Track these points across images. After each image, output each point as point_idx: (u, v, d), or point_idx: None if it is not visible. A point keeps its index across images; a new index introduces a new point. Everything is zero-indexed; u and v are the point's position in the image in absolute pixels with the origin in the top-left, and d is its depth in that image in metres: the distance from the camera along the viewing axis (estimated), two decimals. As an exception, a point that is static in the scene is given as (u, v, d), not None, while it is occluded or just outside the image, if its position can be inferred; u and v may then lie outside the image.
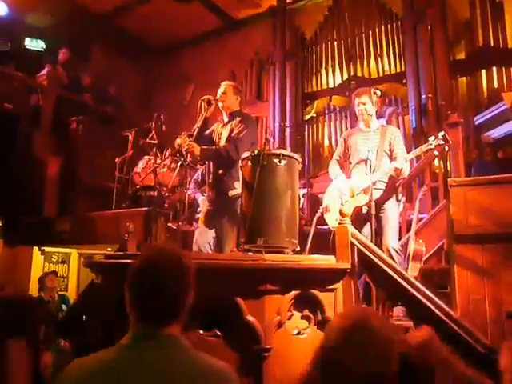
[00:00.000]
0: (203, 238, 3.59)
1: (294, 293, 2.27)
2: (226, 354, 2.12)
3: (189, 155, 3.47)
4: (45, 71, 6.93)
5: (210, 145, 3.64)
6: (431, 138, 3.43)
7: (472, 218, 3.12)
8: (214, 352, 1.44)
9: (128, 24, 8.32)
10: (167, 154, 5.57)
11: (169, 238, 4.70)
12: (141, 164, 5.70)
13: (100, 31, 8.14)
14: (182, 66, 8.83)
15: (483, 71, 5.99)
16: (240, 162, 2.86)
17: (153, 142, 5.89)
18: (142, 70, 9.01)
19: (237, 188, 3.39)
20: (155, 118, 5.99)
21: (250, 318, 2.18)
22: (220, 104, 3.72)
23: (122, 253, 2.84)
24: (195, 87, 8.37)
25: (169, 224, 4.88)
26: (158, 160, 5.59)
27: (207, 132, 3.75)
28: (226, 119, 3.77)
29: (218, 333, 2.28)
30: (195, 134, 3.51)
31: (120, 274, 1.43)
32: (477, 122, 4.57)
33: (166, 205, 5.15)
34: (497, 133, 4.26)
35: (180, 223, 4.24)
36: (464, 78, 6.21)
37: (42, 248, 6.36)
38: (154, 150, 5.86)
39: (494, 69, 5.93)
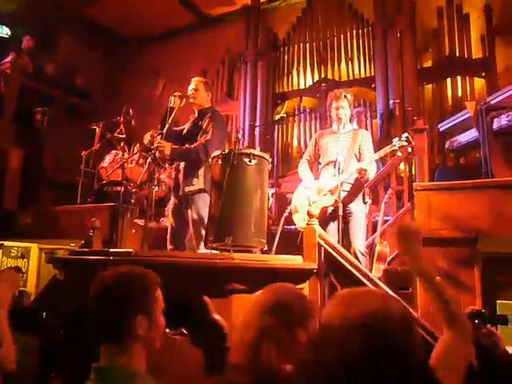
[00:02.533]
0: (175, 235, 3.57)
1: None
2: (191, 354, 2.11)
3: (158, 153, 3.44)
4: (9, 58, 6.70)
5: (179, 142, 3.61)
6: (395, 140, 3.51)
7: (434, 222, 3.22)
8: (181, 350, 1.44)
9: (99, 14, 8.12)
10: (135, 149, 5.49)
11: (135, 234, 4.63)
12: (108, 158, 5.59)
13: (69, 20, 7.92)
14: (153, 60, 8.71)
15: (448, 80, 6.18)
16: (210, 160, 2.85)
17: (121, 136, 5.79)
18: (112, 62, 8.84)
19: (194, 185, 3.40)
20: (124, 112, 5.88)
21: (216, 316, 2.18)
22: (191, 100, 3.68)
23: (86, 249, 2.78)
24: (166, 82, 8.28)
25: (135, 220, 4.81)
26: (126, 155, 5.50)
27: (178, 129, 3.72)
28: (196, 115, 3.74)
29: (185, 331, 2.27)
30: (165, 131, 3.47)
31: (84, 270, 1.41)
32: (441, 129, 4.71)
33: (132, 201, 5.07)
34: (459, 140, 4.40)
35: (147, 219, 4.19)
36: (430, 86, 6.39)
37: (0, 242, 6.15)
38: (122, 144, 5.76)
39: (459, 78, 6.13)
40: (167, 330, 2.31)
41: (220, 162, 2.69)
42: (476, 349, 2.15)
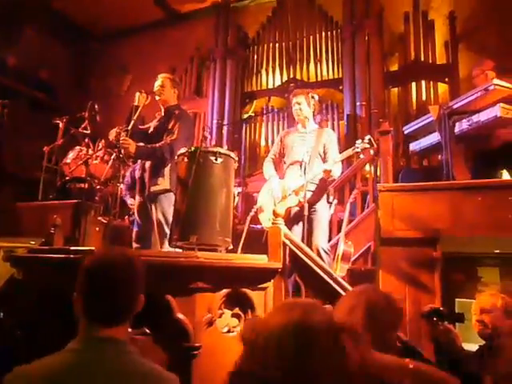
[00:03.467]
0: (141, 232, 3.52)
1: (225, 291, 2.28)
2: (154, 353, 2.09)
3: (123, 150, 3.38)
4: (-33, 49, 6.44)
5: (145, 140, 3.56)
6: (358, 142, 3.56)
7: (397, 222, 3.28)
8: (143, 351, 1.41)
9: (66, 8, 7.92)
10: (100, 145, 5.37)
11: (99, 232, 4.54)
12: (71, 154, 5.45)
13: (34, 12, 7.67)
14: (120, 55, 8.55)
15: (413, 84, 6.32)
16: (176, 157, 2.82)
17: (85, 132, 5.65)
18: (78, 55, 8.63)
19: (159, 185, 3.37)
20: (89, 107, 5.74)
21: (180, 315, 2.16)
22: (157, 97, 3.64)
23: (47, 247, 2.70)
24: (133, 78, 8.15)
25: (99, 218, 4.72)
26: (90, 151, 5.38)
27: (143, 127, 3.66)
28: (162, 113, 3.70)
29: (147, 331, 2.24)
30: (130, 128, 3.41)
31: (44, 269, 1.37)
32: (406, 132, 4.80)
33: (96, 198, 4.97)
34: (423, 143, 4.50)
35: (111, 217, 4.12)
36: (396, 89, 6.52)
37: (-46, 239, 5.90)
38: (87, 140, 5.63)
39: (423, 82, 6.29)
40: (129, 330, 2.28)
41: (186, 159, 2.66)
42: (434, 346, 2.21)
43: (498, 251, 4.44)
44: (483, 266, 4.89)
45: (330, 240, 4.02)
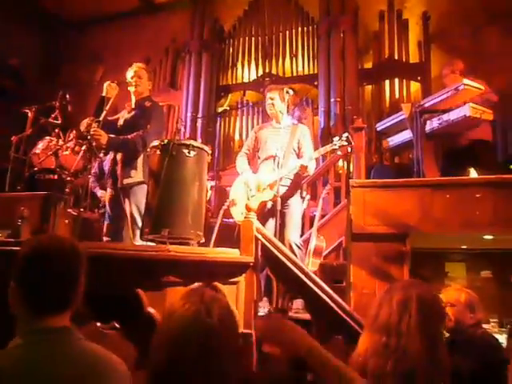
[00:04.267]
0: (112, 225, 3.47)
1: (196, 285, 2.27)
2: (124, 347, 2.06)
3: (94, 142, 3.31)
4: None
5: (116, 132, 3.50)
6: (335, 139, 3.60)
7: (369, 218, 3.33)
8: (112, 345, 1.40)
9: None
10: (71, 136, 5.25)
11: (68, 224, 4.45)
12: (41, 145, 5.30)
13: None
14: (93, 44, 8.37)
15: (387, 81, 6.41)
16: (148, 150, 2.79)
17: (56, 122, 5.51)
18: (50, 43, 8.40)
19: (133, 177, 3.33)
20: (60, 97, 5.60)
21: (150, 309, 2.14)
22: (131, 88, 3.57)
23: (12, 239, 2.63)
24: (106, 68, 7.99)
25: (69, 210, 4.61)
26: (61, 142, 5.25)
27: (113, 118, 3.59)
28: (133, 105, 3.62)
29: (117, 325, 2.22)
30: (102, 119, 3.34)
31: (9, 262, 1.32)
32: (378, 129, 4.86)
33: (66, 190, 4.86)
34: (395, 140, 4.57)
35: (81, 209, 4.03)
36: (370, 86, 6.60)
37: None
38: (57, 130, 5.49)
39: (397, 80, 6.38)
40: (98, 324, 2.24)
41: (158, 152, 2.63)
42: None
43: (464, 247, 4.57)
44: (450, 261, 5.03)
45: (302, 235, 4.04)
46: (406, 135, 4.36)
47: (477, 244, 4.14)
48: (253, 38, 7.23)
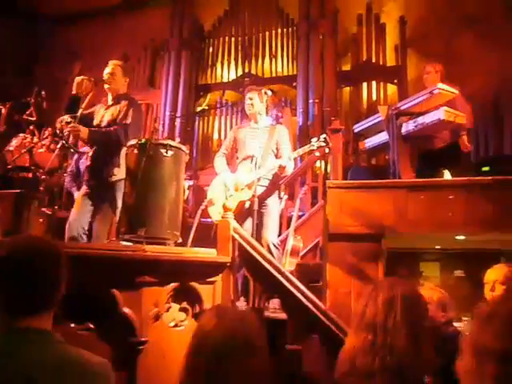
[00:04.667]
0: (77, 223, 3.39)
1: (173, 285, 2.26)
2: (98, 349, 2.04)
3: (71, 137, 3.26)
4: None
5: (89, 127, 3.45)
6: (313, 140, 3.63)
7: (345, 218, 3.37)
8: (86, 346, 1.38)
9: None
10: (46, 133, 5.16)
11: (42, 224, 4.37)
12: (15, 142, 5.18)
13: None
14: (70, 40, 8.22)
15: (364, 84, 6.50)
16: (126, 149, 2.76)
17: (30, 118, 5.40)
18: (26, 38, 8.21)
19: (116, 175, 3.29)
20: (35, 93, 5.50)
21: (126, 310, 2.12)
22: (106, 86, 3.52)
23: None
24: (83, 65, 7.86)
25: (43, 209, 4.54)
26: (36, 139, 5.15)
27: (87, 112, 3.54)
28: (110, 102, 3.58)
29: (91, 326, 2.19)
30: (79, 114, 3.29)
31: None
32: (356, 130, 4.92)
33: (41, 188, 4.77)
34: (372, 141, 4.63)
35: (56, 208, 3.97)
36: (348, 88, 6.68)
37: None
38: (31, 127, 5.39)
39: (374, 83, 6.48)
40: (72, 325, 2.22)
41: (136, 151, 2.61)
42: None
43: (438, 247, 4.67)
44: (425, 261, 5.13)
45: (280, 235, 4.06)
46: (382, 137, 4.42)
47: (450, 244, 4.24)
48: (233, 38, 7.24)
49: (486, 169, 4.77)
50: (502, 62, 5.80)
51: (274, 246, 3.50)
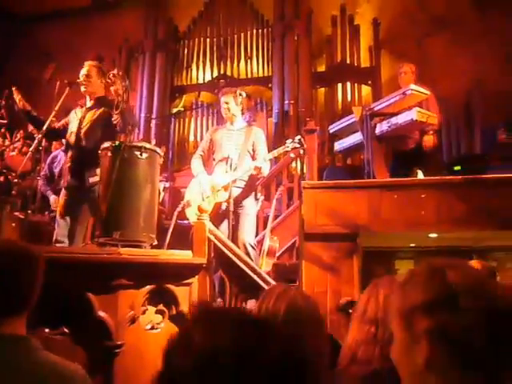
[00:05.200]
0: (62, 231, 3.34)
1: (149, 287, 2.26)
2: (74, 353, 2.02)
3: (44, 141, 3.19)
4: None
5: (57, 137, 3.39)
6: (288, 141, 3.66)
7: (320, 218, 3.41)
8: (61, 352, 1.36)
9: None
10: (18, 136, 5.08)
11: (15, 228, 4.29)
12: (-15, 145, 5.10)
13: None
14: (44, 40, 8.05)
15: (339, 85, 6.56)
16: (99, 151, 2.74)
17: (1, 121, 5.31)
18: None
19: (98, 175, 3.23)
20: (6, 95, 5.39)
21: (101, 313, 2.11)
22: (82, 88, 3.46)
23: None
24: (57, 66, 7.74)
25: (16, 213, 4.45)
26: (7, 142, 5.06)
27: (58, 125, 3.48)
28: (89, 103, 3.51)
29: (66, 330, 2.17)
30: (45, 129, 3.25)
31: None
32: (331, 131, 4.98)
33: (13, 192, 4.68)
34: (347, 142, 4.70)
35: (29, 212, 3.91)
36: (323, 89, 6.74)
37: None
38: (2, 130, 5.29)
39: (349, 84, 6.55)
40: (46, 331, 2.19)
41: (110, 154, 2.59)
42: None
43: (413, 245, 4.76)
44: (399, 259, 5.22)
45: (256, 235, 4.08)
46: (357, 137, 4.48)
47: (424, 242, 4.33)
48: (208, 40, 7.22)
49: (457, 168, 4.89)
50: (473, 64, 5.95)
51: (251, 246, 3.52)
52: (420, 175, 4.45)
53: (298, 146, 3.60)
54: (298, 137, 3.67)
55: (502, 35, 5.96)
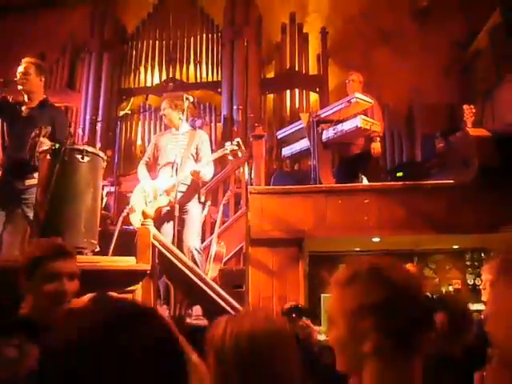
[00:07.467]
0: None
1: (89, 295, 2.18)
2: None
3: None
4: None
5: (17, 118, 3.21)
6: (227, 144, 3.64)
7: (266, 224, 3.44)
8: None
9: None
10: None
11: None
12: None
13: None
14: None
15: (288, 91, 6.66)
16: (38, 154, 2.62)
17: None
18: None
19: (36, 178, 3.08)
20: None
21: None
22: (19, 87, 3.29)
23: None
24: (-5, 64, 7.35)
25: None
26: None
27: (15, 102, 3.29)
28: (26, 100, 3.31)
29: (-2, 342, 2.06)
30: None
31: None
32: (279, 136, 5.03)
33: None
34: (294, 148, 4.77)
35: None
36: (272, 95, 6.83)
37: None
38: None
39: (297, 91, 6.66)
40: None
41: (49, 157, 2.49)
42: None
43: (357, 249, 4.89)
44: (345, 263, 5.34)
45: (203, 241, 4.05)
46: (304, 143, 4.56)
47: (368, 246, 4.45)
48: (157, 42, 7.12)
49: (399, 174, 5.09)
50: (414, 75, 6.22)
51: (197, 251, 3.47)
52: (365, 181, 4.59)
53: (236, 148, 3.56)
54: (237, 139, 3.65)
55: (441, 49, 6.27)
